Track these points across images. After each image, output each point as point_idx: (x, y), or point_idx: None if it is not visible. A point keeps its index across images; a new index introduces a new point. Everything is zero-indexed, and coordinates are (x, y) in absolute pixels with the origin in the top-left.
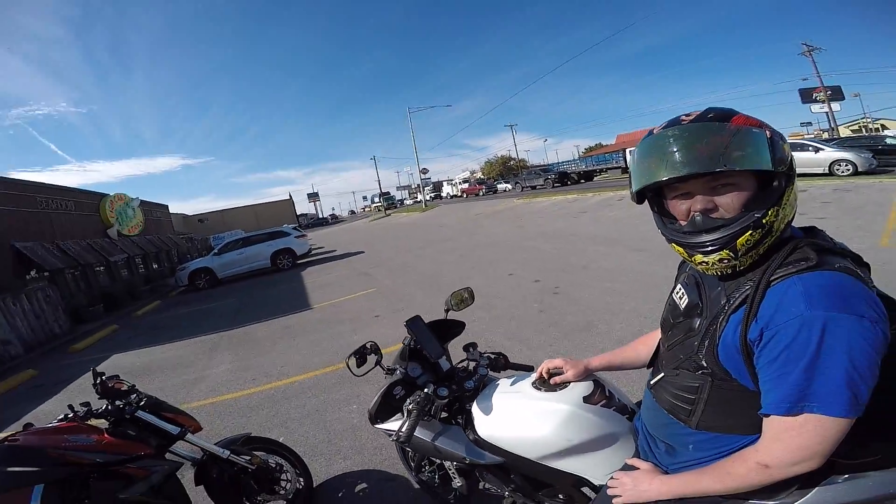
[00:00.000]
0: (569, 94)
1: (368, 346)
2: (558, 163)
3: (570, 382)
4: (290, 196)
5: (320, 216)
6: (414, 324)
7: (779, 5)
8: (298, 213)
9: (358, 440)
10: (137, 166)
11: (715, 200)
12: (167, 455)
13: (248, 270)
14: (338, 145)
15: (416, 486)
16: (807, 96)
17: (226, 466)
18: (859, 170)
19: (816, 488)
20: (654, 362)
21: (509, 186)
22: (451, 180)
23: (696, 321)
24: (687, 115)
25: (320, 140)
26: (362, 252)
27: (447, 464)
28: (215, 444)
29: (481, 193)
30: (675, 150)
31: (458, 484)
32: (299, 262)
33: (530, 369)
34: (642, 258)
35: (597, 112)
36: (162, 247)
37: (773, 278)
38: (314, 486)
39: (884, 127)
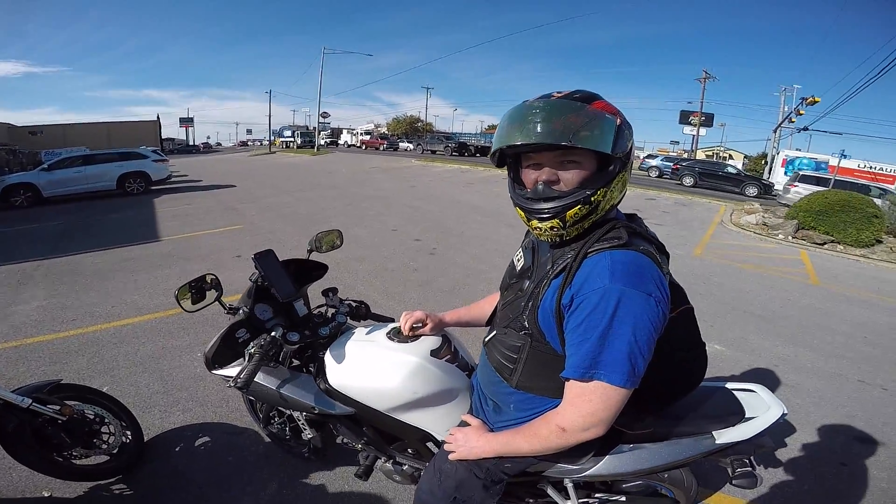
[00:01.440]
0: (490, 70)
1: (208, 279)
2: (461, 133)
3: (422, 335)
4: (158, 117)
5: (191, 143)
6: (264, 258)
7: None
8: (164, 138)
9: (201, 391)
10: None
11: (559, 174)
12: None
13: (86, 191)
14: (229, 72)
15: (267, 439)
16: (684, 118)
17: (27, 417)
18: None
19: (608, 455)
20: (491, 320)
21: (411, 147)
22: (353, 129)
23: (526, 283)
24: (559, 92)
25: (209, 64)
26: (233, 186)
27: (297, 415)
28: (12, 392)
29: (382, 148)
30: (536, 120)
31: (310, 436)
32: (154, 188)
33: (391, 321)
34: (512, 233)
35: (510, 94)
36: None
37: (590, 250)
38: (145, 440)
39: (731, 157)
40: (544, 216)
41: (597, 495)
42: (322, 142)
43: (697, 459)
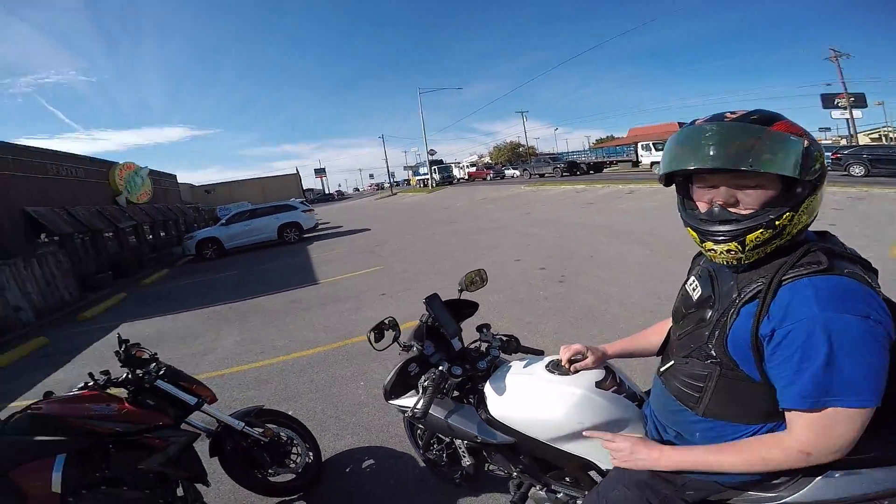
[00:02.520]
0: (582, 84)
1: (387, 321)
2: (568, 152)
3: (584, 369)
4: (297, 171)
5: (326, 192)
6: (432, 301)
7: (806, 8)
8: (305, 188)
9: (365, 416)
10: (145, 136)
11: (737, 195)
12: (182, 426)
13: (255, 242)
14: (345, 122)
15: (422, 464)
16: (828, 102)
17: (239, 438)
18: None
19: (815, 480)
20: (663, 350)
21: (517, 173)
22: (459, 163)
23: (708, 312)
24: (732, 113)
25: (328, 116)
26: (368, 230)
27: (458, 442)
28: (230, 416)
29: (488, 178)
30: (709, 143)
31: (468, 462)
32: (305, 236)
33: (540, 353)
34: (647, 252)
35: (610, 104)
36: (169, 215)
37: (784, 278)
38: (322, 460)
39: None
40: (720, 238)
41: None
42: (437, 178)
43: None
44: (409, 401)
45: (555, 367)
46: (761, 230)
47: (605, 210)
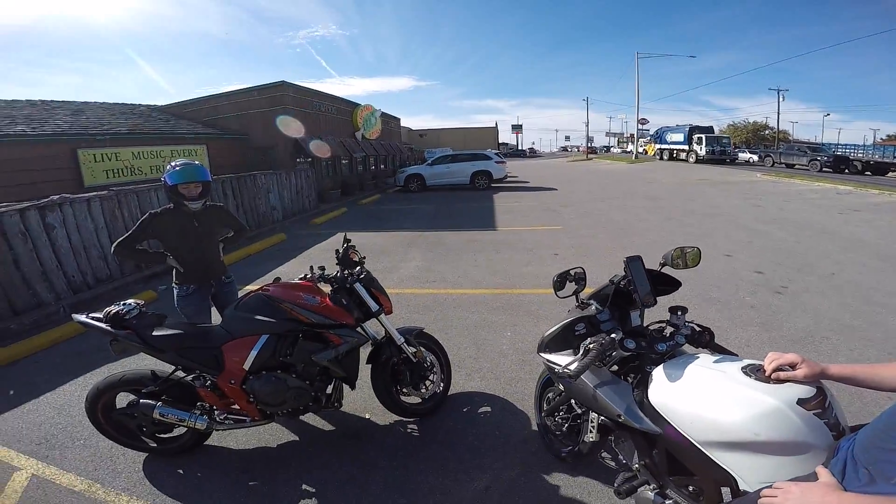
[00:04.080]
0: (882, 65)
1: (573, 272)
2: (837, 144)
3: (790, 381)
4: (496, 125)
5: (519, 148)
6: (634, 262)
7: None
8: (500, 142)
9: (501, 366)
10: (381, 84)
11: None
12: (359, 329)
13: (451, 184)
14: (549, 82)
15: (535, 428)
16: None
17: (395, 352)
18: None
19: None
20: None
21: (754, 158)
22: None
23: None
24: None
25: (533, 76)
26: (554, 189)
27: (592, 416)
28: (396, 330)
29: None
30: None
31: (591, 439)
32: (494, 185)
33: (734, 356)
34: None
35: None
36: (391, 151)
37: None
38: (448, 393)
39: None
40: None
41: None
42: (640, 150)
43: None
44: (562, 358)
45: (753, 372)
46: None
47: (873, 222)
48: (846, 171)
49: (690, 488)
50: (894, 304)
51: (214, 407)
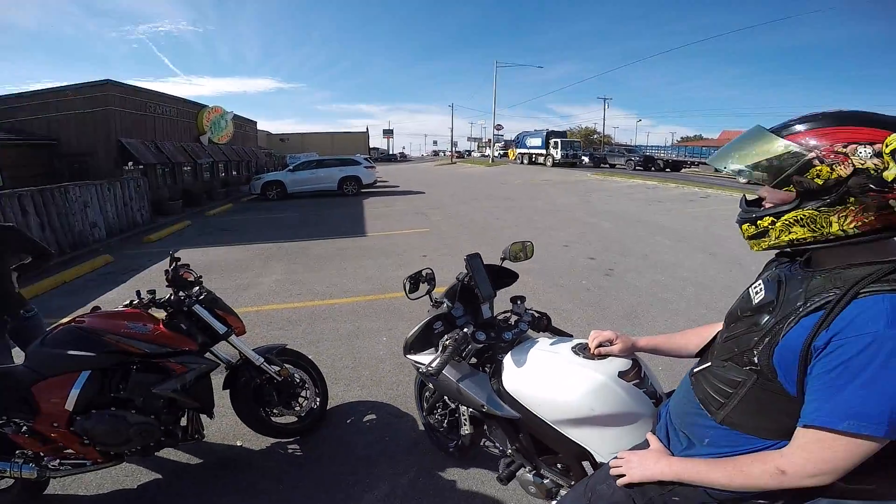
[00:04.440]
0: (679, 77)
1: (424, 273)
2: (646, 146)
3: (610, 356)
4: (367, 129)
5: (390, 152)
6: (473, 260)
7: None
8: (371, 147)
9: (380, 372)
10: (237, 84)
11: (769, 192)
12: (207, 355)
13: (316, 190)
14: (419, 88)
15: (422, 428)
16: None
17: (255, 373)
18: None
19: None
20: (703, 352)
21: (586, 159)
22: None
23: (765, 317)
24: (800, 118)
25: (404, 81)
26: (423, 192)
27: (462, 409)
28: (252, 350)
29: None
30: (734, 147)
31: (467, 431)
32: (363, 190)
33: (570, 337)
34: (709, 261)
35: (704, 103)
36: (244, 157)
37: (863, 290)
38: (328, 407)
39: None
40: (739, 219)
41: None
42: (497, 154)
43: None
44: (426, 357)
45: (581, 350)
46: (771, 219)
47: (673, 211)
48: (653, 168)
49: (559, 465)
50: (692, 277)
51: (42, 453)
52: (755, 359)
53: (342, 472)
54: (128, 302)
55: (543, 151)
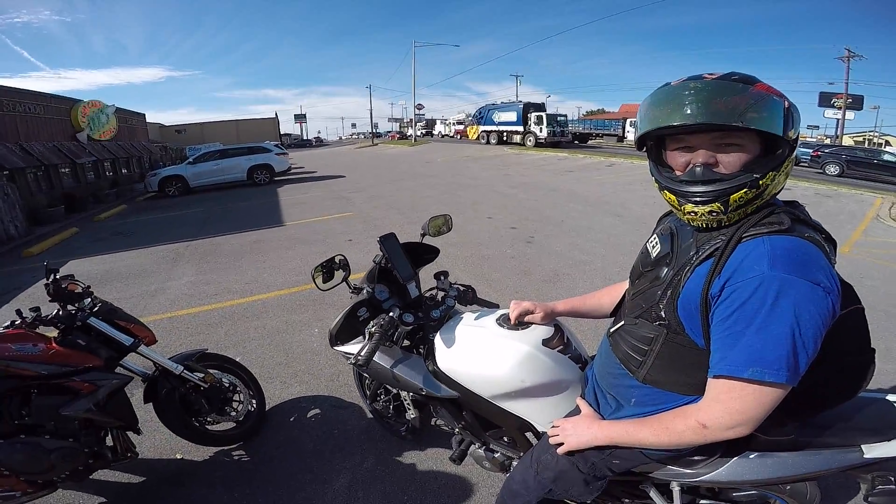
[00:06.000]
0: (583, 55)
1: (337, 260)
2: None
3: (532, 324)
4: (276, 115)
5: (304, 138)
6: (387, 241)
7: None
8: (282, 133)
9: (315, 365)
10: (117, 76)
11: (717, 157)
12: (117, 369)
13: (223, 182)
14: (333, 70)
15: (370, 415)
16: (825, 100)
17: (177, 383)
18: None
19: (731, 461)
20: (617, 311)
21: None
22: (445, 119)
23: (664, 270)
24: (710, 74)
25: (315, 64)
26: (343, 177)
27: (403, 394)
28: (169, 359)
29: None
30: (692, 101)
31: (412, 416)
32: (277, 178)
33: (496, 307)
34: (617, 223)
35: (606, 78)
36: (133, 153)
37: (745, 235)
38: (267, 408)
39: (887, 143)
40: (701, 199)
41: (702, 501)
42: (419, 133)
43: (834, 472)
44: (354, 347)
45: (505, 321)
46: (745, 190)
47: (582, 179)
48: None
49: (505, 439)
50: (603, 239)
51: None
52: (662, 313)
53: (296, 471)
54: (8, 323)
55: (520, 129)
